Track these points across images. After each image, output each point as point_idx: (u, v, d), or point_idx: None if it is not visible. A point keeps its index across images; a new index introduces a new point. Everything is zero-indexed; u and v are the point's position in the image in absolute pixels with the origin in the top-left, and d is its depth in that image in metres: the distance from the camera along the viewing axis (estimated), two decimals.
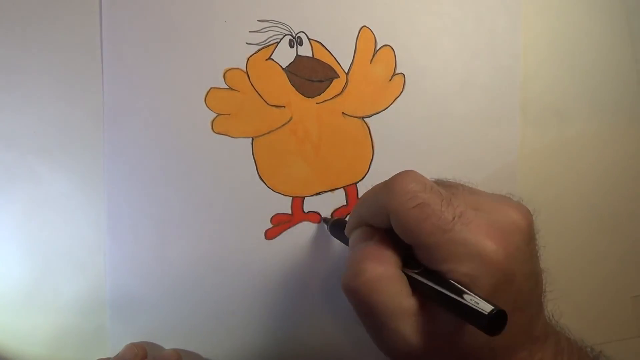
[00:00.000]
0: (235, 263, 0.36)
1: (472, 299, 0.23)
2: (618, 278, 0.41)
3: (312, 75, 0.36)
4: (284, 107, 0.36)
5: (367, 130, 0.37)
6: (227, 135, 0.36)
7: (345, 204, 0.37)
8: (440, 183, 0.28)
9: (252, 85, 0.36)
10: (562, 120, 0.39)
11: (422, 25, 0.38)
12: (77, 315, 0.36)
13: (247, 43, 0.36)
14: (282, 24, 0.36)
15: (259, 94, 0.36)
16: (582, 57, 0.39)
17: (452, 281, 0.24)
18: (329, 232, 0.35)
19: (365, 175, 0.37)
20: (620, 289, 0.41)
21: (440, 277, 0.25)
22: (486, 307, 0.23)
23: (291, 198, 0.37)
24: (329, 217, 0.37)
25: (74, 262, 0.36)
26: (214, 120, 0.36)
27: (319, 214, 0.37)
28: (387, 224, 0.26)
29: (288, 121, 0.36)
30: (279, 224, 0.37)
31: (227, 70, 0.36)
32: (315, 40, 0.36)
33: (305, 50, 0.36)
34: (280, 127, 0.36)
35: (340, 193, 0.37)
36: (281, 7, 0.36)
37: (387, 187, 0.26)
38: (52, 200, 0.35)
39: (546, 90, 0.39)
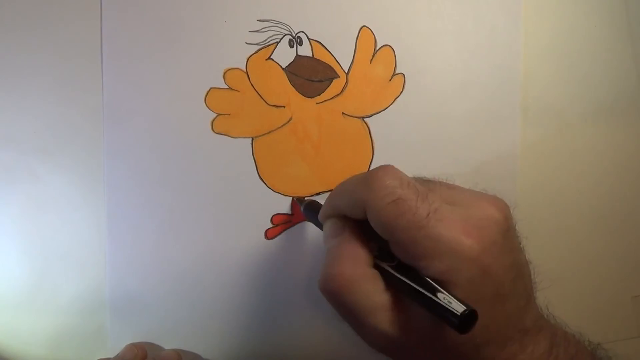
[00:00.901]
0: (235, 263, 0.36)
1: (445, 298, 0.24)
2: (618, 278, 0.41)
3: (312, 75, 0.36)
4: (284, 107, 0.36)
5: (367, 130, 0.37)
6: (227, 135, 0.36)
7: None
8: (418, 180, 0.28)
9: (252, 85, 0.36)
10: (562, 120, 0.39)
11: (422, 25, 0.38)
12: (77, 315, 0.36)
13: (247, 43, 0.36)
14: (282, 23, 0.36)
15: (259, 94, 0.36)
16: (582, 57, 0.39)
17: (427, 278, 0.25)
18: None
19: None
20: (620, 289, 0.41)
21: (415, 273, 0.25)
22: (458, 308, 0.23)
23: (291, 198, 0.37)
24: (302, 197, 0.36)
25: (74, 262, 0.36)
26: (214, 120, 0.36)
27: None
28: (363, 216, 0.27)
29: (288, 121, 0.36)
30: (279, 224, 0.37)
31: (227, 70, 0.36)
32: (315, 40, 0.36)
33: (305, 50, 0.36)
34: (280, 127, 0.36)
35: None
36: (281, 7, 0.36)
37: (365, 181, 0.26)
38: (52, 201, 0.35)
39: (546, 90, 0.39)
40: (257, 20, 0.36)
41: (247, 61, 0.36)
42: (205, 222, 0.36)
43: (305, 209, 0.35)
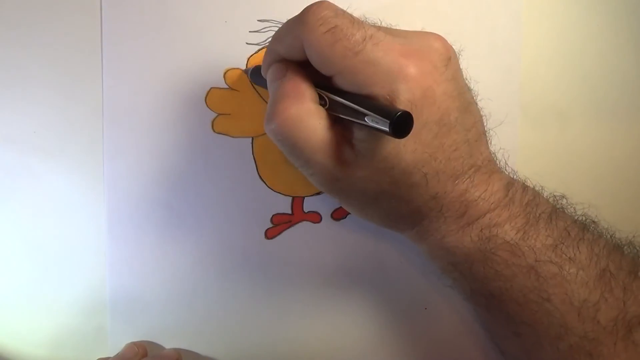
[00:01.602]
0: (235, 263, 0.36)
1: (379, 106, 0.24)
2: None
3: None
4: None
5: None
6: (227, 135, 0.36)
7: None
8: None
9: (252, 85, 0.36)
10: (562, 120, 0.39)
11: (422, 26, 0.37)
12: (77, 315, 0.36)
13: (247, 43, 0.36)
14: (282, 23, 0.36)
15: (259, 94, 0.36)
16: (582, 57, 0.39)
17: (364, 98, 0.25)
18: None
19: None
20: None
21: (354, 99, 0.25)
22: (393, 110, 0.23)
23: (291, 198, 0.37)
24: (248, 68, 0.35)
25: (74, 262, 0.36)
26: (214, 120, 0.36)
27: (319, 214, 0.37)
28: (303, 56, 0.26)
29: None
30: (279, 224, 0.37)
31: (227, 70, 0.36)
32: None
33: None
34: None
35: None
36: (281, 7, 0.36)
37: (299, 18, 0.26)
38: (52, 201, 0.35)
39: (546, 90, 0.39)
40: (258, 21, 0.36)
41: (247, 61, 0.36)
42: (205, 222, 0.36)
43: (252, 75, 0.34)
